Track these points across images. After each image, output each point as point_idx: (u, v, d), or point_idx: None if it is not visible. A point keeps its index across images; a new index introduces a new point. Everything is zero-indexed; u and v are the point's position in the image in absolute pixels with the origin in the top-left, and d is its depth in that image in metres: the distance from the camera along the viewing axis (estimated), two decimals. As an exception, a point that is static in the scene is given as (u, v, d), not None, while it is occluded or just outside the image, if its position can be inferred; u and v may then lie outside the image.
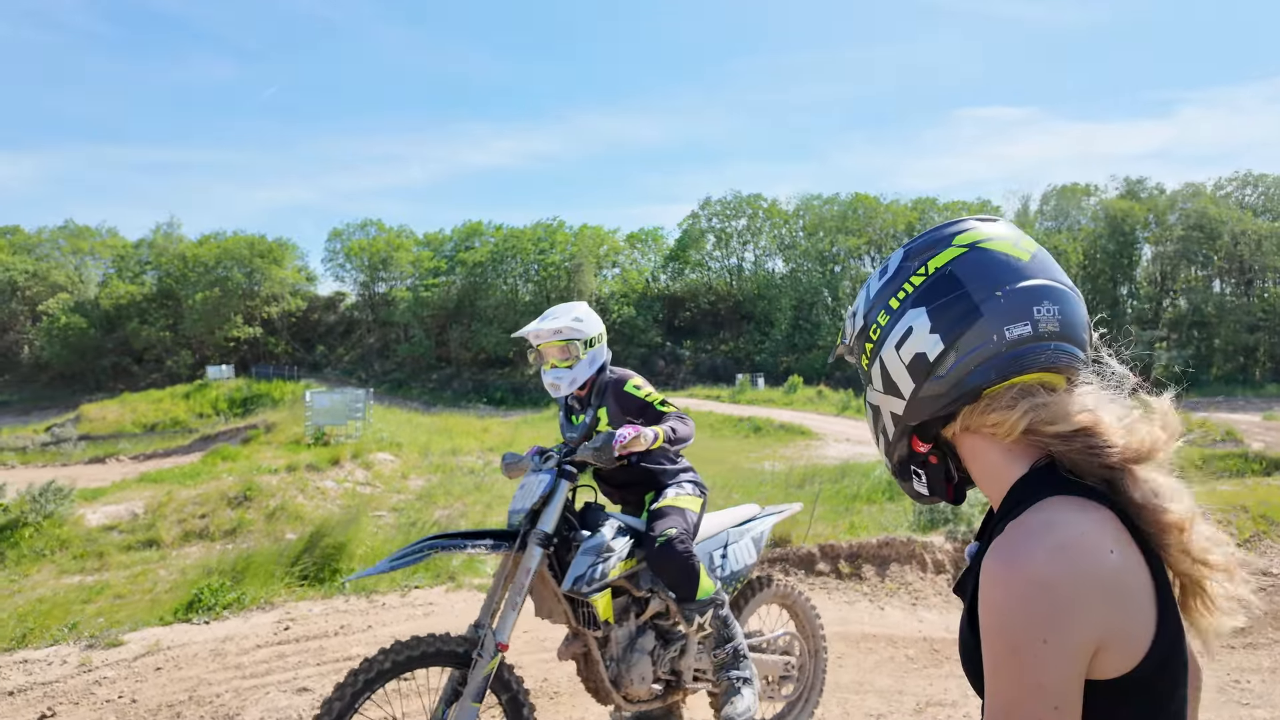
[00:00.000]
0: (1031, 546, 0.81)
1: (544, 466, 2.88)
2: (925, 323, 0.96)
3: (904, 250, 1.05)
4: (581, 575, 2.75)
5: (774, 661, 3.39)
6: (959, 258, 0.97)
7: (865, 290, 1.08)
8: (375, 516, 10.25)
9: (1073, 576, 0.79)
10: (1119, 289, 55.51)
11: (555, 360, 3.08)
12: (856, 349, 1.08)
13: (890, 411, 1.03)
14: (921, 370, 0.97)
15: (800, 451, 20.68)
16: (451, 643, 2.49)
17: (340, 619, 5.04)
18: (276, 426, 22.58)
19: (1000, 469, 0.96)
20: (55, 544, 9.32)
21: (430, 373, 57.04)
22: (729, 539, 3.31)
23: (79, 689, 4.13)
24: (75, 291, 60.59)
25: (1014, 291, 0.93)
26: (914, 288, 0.99)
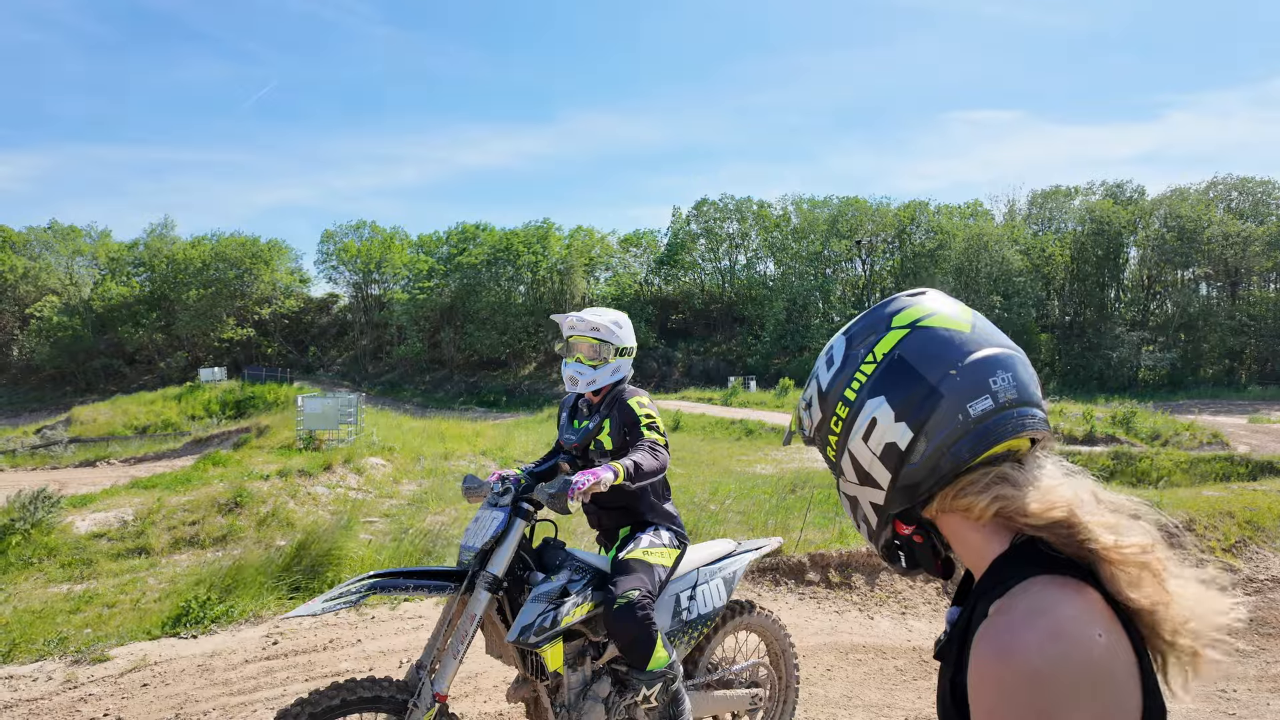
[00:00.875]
0: (1023, 637, 0.82)
1: (500, 501, 2.72)
2: (888, 411, 0.96)
3: (845, 336, 1.05)
4: (529, 625, 2.58)
5: (740, 696, 3.26)
6: (904, 340, 0.98)
7: (815, 381, 1.07)
8: (367, 523, 10.22)
9: (1065, 668, 0.80)
10: (1106, 291, 55.80)
11: (583, 356, 3.01)
12: (819, 440, 1.07)
13: (870, 501, 1.03)
14: (895, 459, 0.97)
15: (791, 455, 20.71)
16: (388, 688, 2.37)
17: (330, 633, 5.02)
18: (269, 430, 22.49)
19: (981, 546, 0.97)
20: (43, 552, 9.25)
21: (423, 375, 56.90)
22: (698, 579, 3.12)
23: (64, 706, 4.10)
24: (66, 293, 60.18)
25: (967, 367, 0.95)
26: (867, 376, 0.99)
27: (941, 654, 1.02)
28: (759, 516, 8.85)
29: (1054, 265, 55.11)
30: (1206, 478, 12.41)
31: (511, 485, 2.79)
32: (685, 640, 3.02)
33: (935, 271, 54.03)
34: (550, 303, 56.27)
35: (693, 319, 61.23)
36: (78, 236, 64.50)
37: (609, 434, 3.00)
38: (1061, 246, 55.73)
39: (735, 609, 3.30)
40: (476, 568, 2.58)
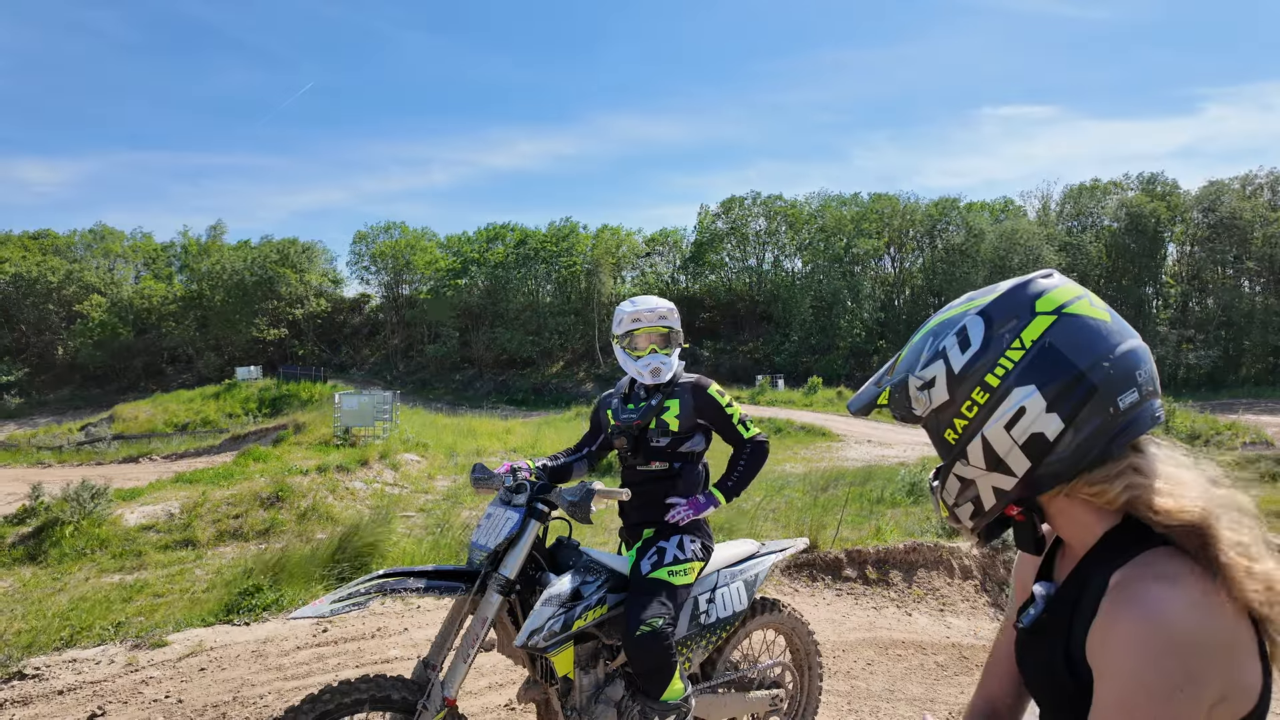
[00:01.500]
0: (1167, 603, 0.85)
1: (514, 500, 2.61)
2: (1039, 401, 0.94)
3: (981, 316, 1.01)
4: (538, 629, 2.49)
5: (759, 698, 3.18)
6: (1053, 327, 0.96)
7: (942, 360, 1.02)
8: (404, 517, 10.40)
9: (1209, 634, 0.84)
10: (1144, 288, 54.58)
11: (656, 346, 2.92)
12: (936, 422, 1.04)
13: (994, 486, 1.01)
14: (1039, 449, 0.95)
15: (821, 453, 20.62)
16: (398, 688, 2.33)
17: (377, 621, 5.14)
18: (306, 427, 22.94)
19: (1090, 521, 1.00)
20: (95, 543, 9.58)
21: (454, 374, 57.52)
22: (718, 581, 2.99)
23: (127, 688, 4.25)
24: (109, 293, 61.89)
25: (1118, 360, 0.94)
26: (1014, 363, 0.96)
27: (1040, 626, 1.04)
28: (791, 515, 8.84)
29: (1089, 262, 54.05)
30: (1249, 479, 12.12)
31: (525, 482, 2.68)
32: (702, 645, 2.91)
33: (967, 269, 53.29)
34: (579, 302, 56.55)
35: (720, 317, 61.12)
36: (120, 239, 66.29)
37: (675, 415, 2.89)
38: (1097, 243, 54.63)
39: (759, 607, 3.20)
40: (488, 569, 2.50)
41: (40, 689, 4.24)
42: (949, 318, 1.05)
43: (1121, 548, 0.95)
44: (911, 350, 1.08)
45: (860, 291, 56.86)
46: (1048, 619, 1.03)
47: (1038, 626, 1.05)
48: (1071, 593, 1.00)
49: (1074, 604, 0.98)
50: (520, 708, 3.86)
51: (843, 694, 4.26)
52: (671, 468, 2.90)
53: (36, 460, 23.86)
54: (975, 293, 1.07)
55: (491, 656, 4.46)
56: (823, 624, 5.36)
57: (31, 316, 61.20)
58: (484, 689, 4.16)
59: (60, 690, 4.24)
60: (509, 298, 56.95)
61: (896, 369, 1.10)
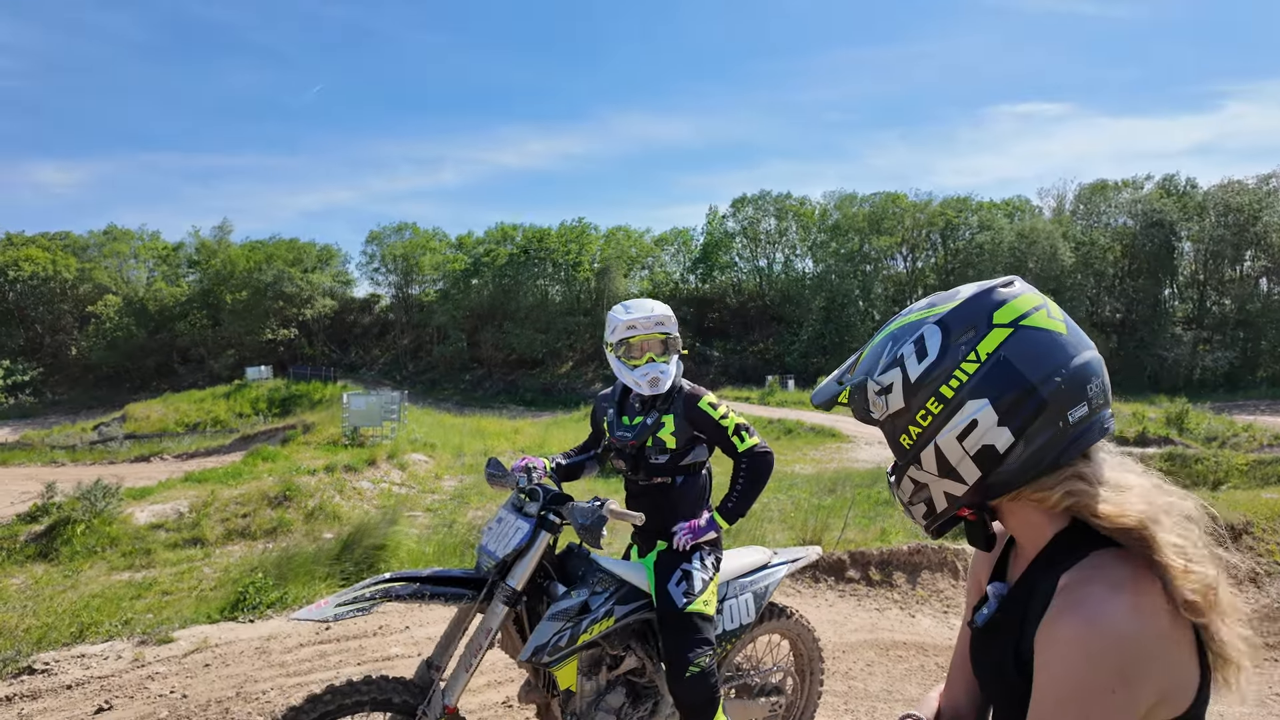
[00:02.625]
0: (1109, 607, 0.88)
1: (526, 508, 2.57)
2: (991, 415, 0.95)
3: (938, 325, 1.02)
4: (544, 645, 2.47)
5: (761, 704, 3.16)
6: (1008, 340, 0.97)
7: (899, 369, 1.03)
8: (410, 517, 10.46)
9: (1146, 637, 0.87)
10: (1160, 288, 54.03)
11: (654, 354, 2.81)
12: (892, 427, 1.06)
13: (945, 492, 1.03)
14: (989, 461, 0.97)
15: (831, 454, 20.57)
16: (398, 690, 2.33)
17: (379, 620, 5.18)
18: (314, 427, 23.08)
19: (1039, 523, 1.02)
20: (105, 541, 9.69)
21: (463, 374, 57.69)
22: (728, 593, 2.95)
23: (133, 683, 4.31)
24: (121, 293, 62.49)
25: (1070, 374, 0.95)
26: (968, 376, 0.97)
27: (993, 625, 1.07)
28: (798, 516, 8.84)
29: (1105, 262, 53.60)
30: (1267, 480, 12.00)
31: (538, 488, 2.64)
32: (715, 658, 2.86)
33: (981, 268, 52.98)
34: (588, 302, 56.61)
35: (729, 318, 61.00)
36: (130, 239, 66.92)
37: (671, 432, 2.81)
38: (1112, 242, 54.16)
39: (767, 613, 3.17)
40: (496, 578, 2.46)
41: (49, 684, 4.30)
42: (909, 323, 1.06)
43: (1071, 549, 0.97)
44: (871, 352, 1.09)
45: (872, 291, 56.61)
46: (1000, 619, 1.06)
47: (990, 626, 1.07)
48: (1023, 593, 1.02)
49: (1025, 604, 1.00)
50: (519, 706, 3.88)
51: (840, 694, 4.26)
52: (673, 481, 2.85)
53: (50, 459, 24.12)
54: (936, 296, 1.08)
55: (493, 653, 4.49)
56: (824, 625, 5.35)
57: (46, 316, 61.89)
58: (483, 686, 4.19)
59: (68, 685, 4.30)
60: (518, 297, 57.08)
61: (857, 369, 1.11)
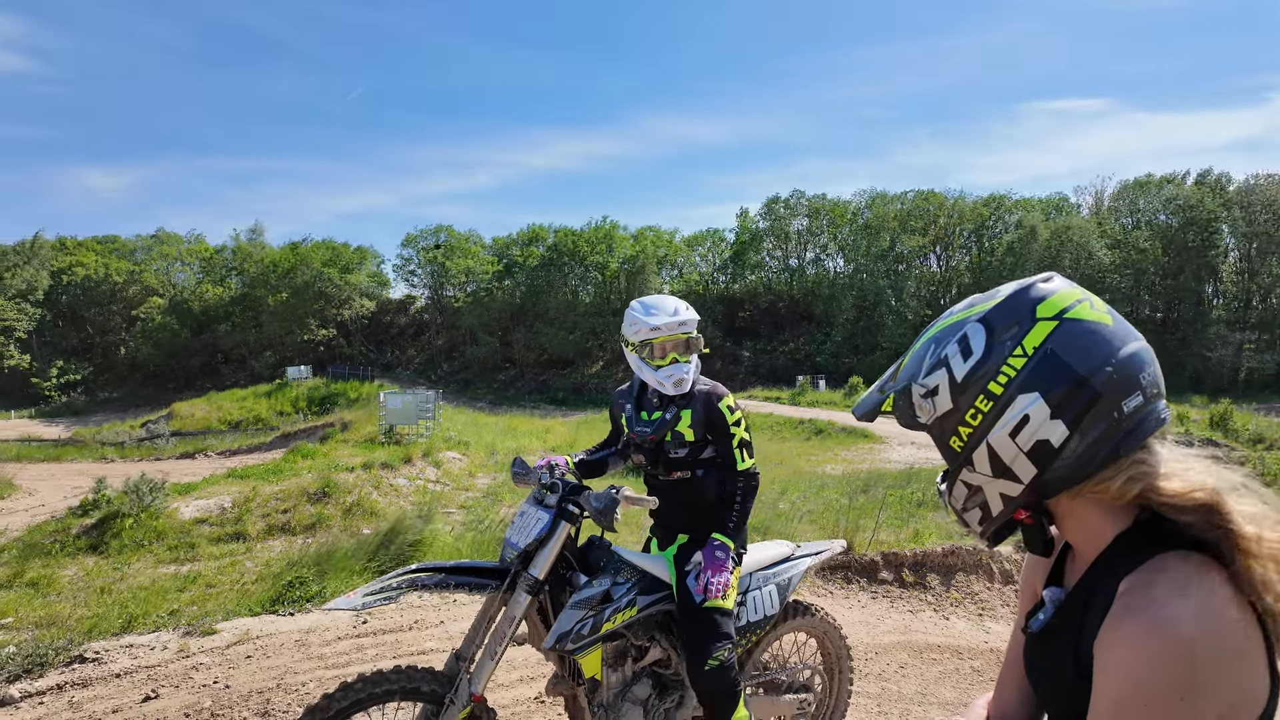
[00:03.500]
0: (1176, 610, 0.84)
1: (546, 500, 2.63)
2: (1043, 409, 0.94)
3: (982, 325, 1.01)
4: (567, 632, 2.52)
5: (788, 701, 3.16)
6: (1054, 333, 0.95)
7: (945, 369, 1.02)
8: (445, 514, 10.60)
9: (1217, 642, 0.83)
10: (1203, 286, 52.37)
11: (677, 355, 2.82)
12: (941, 430, 1.04)
13: (1000, 493, 1.01)
14: (1045, 456, 0.95)
15: (863, 455, 20.35)
16: (428, 680, 2.40)
17: (414, 614, 5.28)
18: (352, 425, 23.49)
19: (1100, 525, 0.99)
20: (152, 535, 9.99)
21: (495, 373, 58.27)
22: (751, 584, 2.97)
23: (179, 673, 4.45)
24: (167, 295, 64.35)
25: (1120, 363, 0.94)
26: (1016, 371, 0.96)
27: (1050, 630, 1.04)
28: (829, 516, 8.76)
29: (1144, 260, 52.18)
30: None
31: (558, 481, 2.68)
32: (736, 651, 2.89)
33: (1016, 267, 51.94)
34: (618, 302, 56.77)
35: (760, 317, 60.66)
36: (177, 243, 68.85)
37: (689, 425, 2.84)
38: (1153, 240, 52.68)
39: (791, 610, 3.17)
40: (518, 568, 2.52)
41: (99, 672, 4.46)
42: (950, 324, 1.05)
43: (1132, 551, 0.94)
44: (914, 357, 1.08)
45: (905, 290, 55.84)
46: (1057, 623, 1.03)
47: (1047, 631, 1.04)
48: (1081, 596, 0.99)
49: (1083, 608, 0.97)
50: (550, 700, 3.93)
51: (873, 696, 4.23)
52: (694, 474, 2.88)
53: (100, 455, 24.94)
54: (976, 297, 1.06)
55: (524, 650, 4.54)
56: (856, 626, 5.31)
57: (96, 318, 63.98)
58: (515, 681, 4.24)
59: (117, 674, 4.46)
60: (549, 298, 57.45)
61: (899, 376, 1.09)
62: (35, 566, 8.55)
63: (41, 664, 4.49)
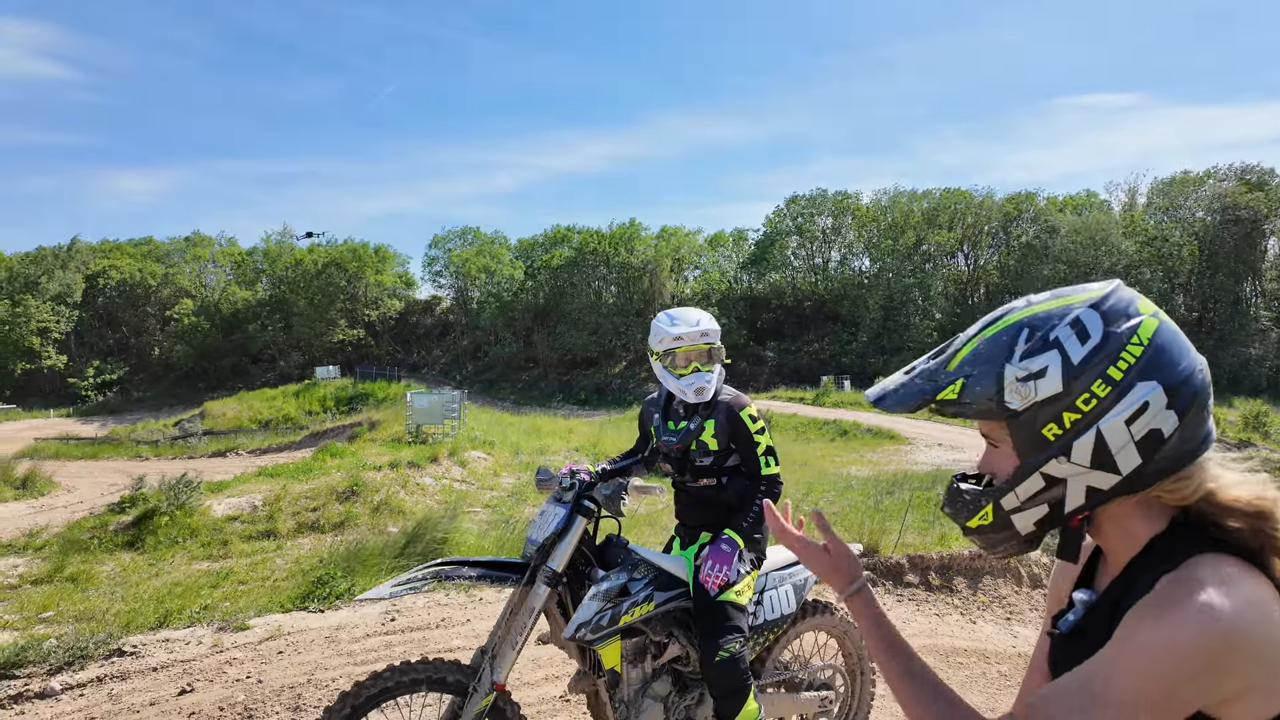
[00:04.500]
0: (1221, 601, 0.85)
1: (564, 498, 2.74)
2: (1162, 398, 0.94)
3: (1095, 311, 0.98)
4: (586, 622, 2.61)
5: (808, 699, 3.18)
6: (1161, 328, 0.97)
7: (1054, 349, 0.98)
8: (470, 512, 10.71)
9: (1259, 634, 0.85)
10: (1242, 286, 51.09)
11: (699, 364, 2.91)
12: (1033, 416, 0.99)
13: (1089, 485, 0.99)
14: (1153, 446, 0.95)
15: (889, 456, 20.17)
16: (454, 671, 2.49)
17: (442, 612, 5.35)
18: (380, 425, 23.79)
19: (1136, 527, 1.01)
20: (186, 532, 10.20)
21: (519, 374, 58.62)
22: (767, 584, 3.04)
23: (213, 668, 4.56)
24: (199, 296, 65.68)
25: (1205, 368, 0.97)
26: (1135, 358, 0.95)
27: (1079, 631, 1.04)
28: (854, 518, 8.70)
29: (1178, 257, 51.04)
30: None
31: (577, 482, 2.79)
32: (749, 646, 2.94)
33: (1044, 265, 51.13)
34: (640, 302, 56.81)
35: (784, 317, 60.31)
36: (210, 245, 70.26)
37: (713, 435, 2.91)
38: (1188, 237, 51.50)
39: (809, 609, 3.21)
40: (538, 561, 2.62)
41: (137, 665, 4.58)
42: (1046, 310, 1.01)
43: (1169, 553, 0.95)
44: (989, 343, 1.02)
45: (931, 289, 55.18)
46: (1086, 624, 1.03)
47: (1076, 632, 1.04)
48: (1114, 596, 0.99)
49: (1114, 607, 0.97)
50: (574, 699, 3.96)
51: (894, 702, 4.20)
52: (720, 482, 2.95)
53: (135, 453, 25.53)
54: (1059, 291, 1.03)
55: (549, 649, 4.58)
56: (882, 629, 5.28)
57: (131, 319, 65.48)
58: (540, 680, 4.28)
59: (154, 667, 4.58)
60: (572, 299, 57.67)
61: (957, 364, 1.04)
62: (75, 562, 8.78)
63: (82, 657, 4.61)
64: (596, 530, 2.84)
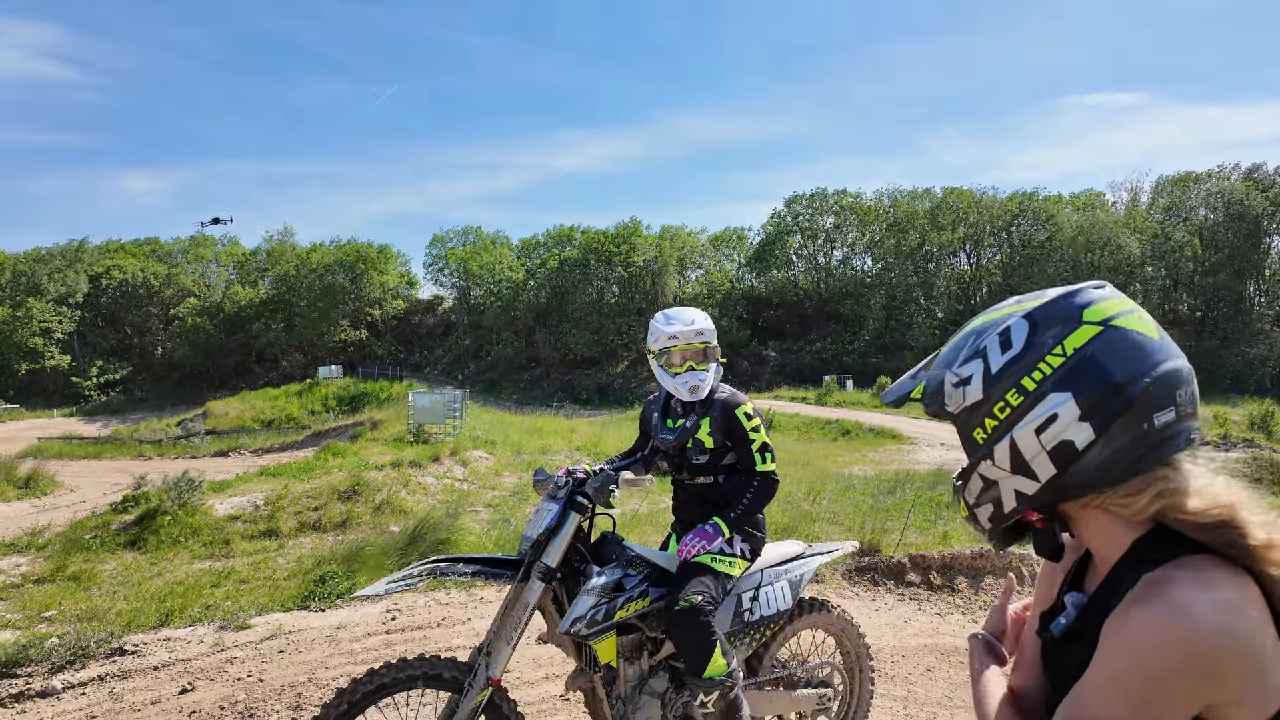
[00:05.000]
0: (1195, 602, 0.85)
1: (557, 495, 2.77)
2: (1073, 410, 0.94)
3: (1027, 321, 1.01)
4: (580, 617, 2.63)
5: (806, 696, 3.19)
6: (1097, 338, 0.95)
7: (980, 360, 1.02)
8: (472, 512, 10.70)
9: (1232, 638, 0.84)
10: (1245, 285, 50.95)
11: (694, 363, 2.94)
12: (967, 420, 1.04)
13: (1015, 490, 1.01)
14: (1066, 458, 0.95)
15: (891, 456, 20.13)
16: (450, 668, 2.52)
17: (442, 611, 5.35)
18: (381, 424, 23.80)
19: (1117, 531, 0.99)
20: (188, 531, 10.20)
21: (521, 373, 58.64)
22: (762, 580, 3.05)
23: (214, 667, 4.56)
24: (202, 296, 65.81)
25: (1159, 377, 0.93)
26: (1052, 369, 0.96)
27: (1071, 634, 1.04)
28: (855, 518, 8.70)
29: (1181, 256, 50.92)
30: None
31: (571, 480, 2.82)
32: (746, 641, 2.98)
33: (1047, 264, 51.02)
34: (642, 302, 56.82)
35: (786, 316, 60.25)
36: (213, 245, 70.38)
37: (709, 433, 2.94)
38: (1192, 238, 51.37)
39: (805, 607, 3.22)
40: (532, 557, 2.65)
41: (138, 664, 4.59)
42: (993, 319, 1.05)
43: (1154, 553, 0.94)
44: (952, 347, 1.08)
45: (934, 289, 55.09)
46: (1079, 628, 1.03)
47: (1069, 635, 1.04)
48: (1102, 599, 0.99)
49: (1104, 611, 0.97)
50: (573, 698, 3.96)
51: (899, 699, 4.20)
52: (716, 480, 2.98)
53: (138, 453, 25.58)
54: (1024, 296, 1.06)
55: (549, 649, 4.58)
56: (883, 629, 5.27)
57: (134, 319, 65.61)
58: (540, 679, 4.28)
59: (155, 666, 4.58)
60: (574, 298, 57.67)
61: (935, 364, 1.10)
62: (77, 561, 8.78)
63: (83, 656, 4.63)
64: (592, 527, 2.87)
